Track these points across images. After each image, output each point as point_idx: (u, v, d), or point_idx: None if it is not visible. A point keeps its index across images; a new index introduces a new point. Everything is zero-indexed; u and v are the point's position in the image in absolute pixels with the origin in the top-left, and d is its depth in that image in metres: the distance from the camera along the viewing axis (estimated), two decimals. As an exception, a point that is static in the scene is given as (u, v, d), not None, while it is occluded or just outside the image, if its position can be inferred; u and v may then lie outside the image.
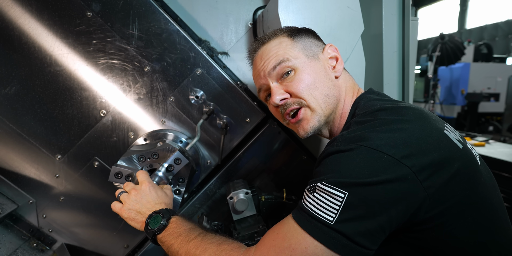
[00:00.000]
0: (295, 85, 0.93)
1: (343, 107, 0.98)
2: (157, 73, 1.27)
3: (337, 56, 1.00)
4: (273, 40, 1.00)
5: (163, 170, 1.11)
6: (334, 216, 0.68)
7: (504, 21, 13.99)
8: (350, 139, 0.75)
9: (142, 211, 0.98)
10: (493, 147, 3.98)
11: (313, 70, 0.95)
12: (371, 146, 0.71)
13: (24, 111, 1.26)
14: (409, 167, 0.68)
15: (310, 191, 0.75)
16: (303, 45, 0.98)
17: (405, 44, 1.50)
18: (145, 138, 1.31)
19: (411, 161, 0.69)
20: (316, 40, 1.03)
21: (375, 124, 0.78)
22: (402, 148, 0.70)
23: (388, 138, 0.72)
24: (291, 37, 0.99)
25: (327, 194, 0.70)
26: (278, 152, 1.42)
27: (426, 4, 17.51)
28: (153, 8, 1.21)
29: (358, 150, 0.72)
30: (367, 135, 0.74)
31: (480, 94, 7.83)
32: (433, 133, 0.76)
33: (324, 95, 0.94)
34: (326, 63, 0.99)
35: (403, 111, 0.81)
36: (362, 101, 0.94)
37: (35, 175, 1.32)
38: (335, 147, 0.76)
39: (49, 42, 1.22)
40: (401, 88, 1.55)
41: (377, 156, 0.69)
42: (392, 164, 0.69)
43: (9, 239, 1.29)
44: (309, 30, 1.05)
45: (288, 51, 0.96)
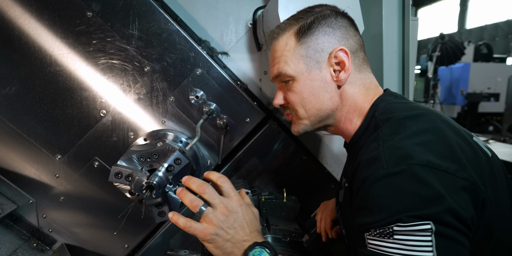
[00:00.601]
0: (290, 96, 0.95)
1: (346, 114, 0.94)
2: (157, 73, 1.27)
3: (344, 61, 0.89)
4: (282, 35, 0.95)
5: (163, 170, 1.11)
6: (432, 250, 0.62)
7: (504, 21, 14.00)
8: (396, 157, 0.69)
9: (233, 240, 0.78)
10: (493, 147, 3.98)
11: (310, 83, 0.91)
12: (421, 163, 0.67)
13: (24, 111, 1.26)
14: (466, 179, 0.67)
15: (384, 236, 0.66)
16: (307, 52, 0.91)
17: (405, 44, 1.50)
18: (145, 138, 1.31)
19: (465, 172, 0.68)
20: (330, 37, 0.90)
21: (410, 135, 0.73)
22: (451, 161, 0.68)
23: (435, 151, 0.69)
24: (298, 36, 0.92)
25: (410, 233, 0.63)
26: (278, 152, 1.42)
27: (426, 4, 17.51)
28: (153, 8, 1.21)
29: (413, 171, 0.66)
30: (412, 150, 0.69)
31: (480, 94, 7.84)
32: (468, 140, 0.77)
33: (316, 109, 0.93)
34: (329, 72, 0.91)
35: (430, 118, 0.79)
36: (382, 103, 0.90)
37: (35, 175, 1.32)
38: (382, 168, 0.69)
39: (49, 42, 1.22)
40: (401, 88, 1.55)
41: (434, 173, 0.66)
42: (451, 179, 0.66)
43: (9, 239, 1.29)
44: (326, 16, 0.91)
45: (288, 59, 0.93)
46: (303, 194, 1.43)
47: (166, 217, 1.15)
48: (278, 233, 1.16)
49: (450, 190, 0.65)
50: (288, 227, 1.19)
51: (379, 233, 0.67)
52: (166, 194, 1.15)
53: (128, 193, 1.15)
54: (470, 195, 0.67)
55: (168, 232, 1.41)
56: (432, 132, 0.74)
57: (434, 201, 0.64)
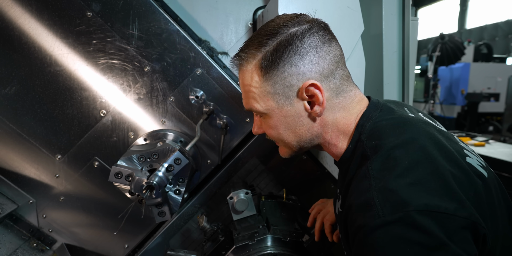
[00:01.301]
0: (267, 130, 0.92)
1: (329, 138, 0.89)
2: (157, 73, 1.27)
3: (316, 95, 0.81)
4: (246, 66, 0.85)
5: (163, 170, 1.11)
6: None
7: (504, 21, 13.99)
8: (390, 203, 0.65)
9: None
10: (493, 147, 3.98)
11: (284, 119, 0.86)
12: (419, 208, 0.63)
13: (24, 111, 1.26)
14: (466, 218, 0.64)
15: None
16: (275, 89, 0.83)
17: (405, 44, 1.50)
18: (145, 138, 1.31)
19: (465, 210, 0.65)
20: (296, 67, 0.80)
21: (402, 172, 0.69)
22: (449, 198, 0.65)
23: (430, 192, 0.65)
24: (262, 70, 0.82)
25: None
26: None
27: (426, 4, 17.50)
28: (153, 8, 1.21)
29: (410, 218, 0.63)
30: (407, 194, 0.65)
31: (480, 94, 7.84)
32: (461, 166, 0.73)
33: (295, 141, 0.90)
34: (303, 105, 0.84)
35: (420, 144, 0.74)
36: (367, 124, 0.83)
37: (35, 175, 1.32)
38: (377, 217, 0.65)
39: (49, 42, 1.22)
40: (401, 88, 1.55)
41: (433, 217, 0.63)
42: (451, 220, 0.63)
43: (9, 239, 1.29)
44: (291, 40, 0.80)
45: (257, 96, 0.85)
46: (303, 194, 1.43)
47: (166, 217, 1.15)
48: (278, 233, 1.16)
49: (452, 233, 0.63)
50: (288, 227, 1.19)
51: None
52: (166, 194, 1.15)
53: (128, 193, 1.15)
54: (471, 233, 0.65)
55: (168, 232, 1.41)
56: (425, 165, 0.70)
57: (436, 249, 0.61)
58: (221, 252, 1.18)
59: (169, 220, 1.36)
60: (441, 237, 0.61)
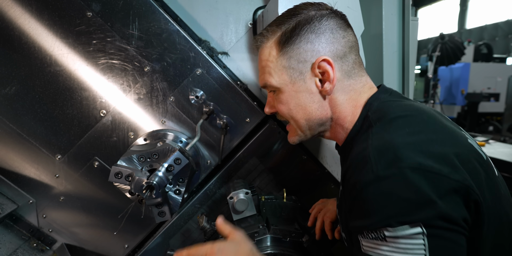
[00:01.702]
0: (278, 106, 0.95)
1: (337, 120, 0.92)
2: (157, 73, 1.27)
3: (328, 72, 0.85)
4: (266, 43, 0.92)
5: (163, 170, 1.11)
6: (425, 253, 0.63)
7: (504, 21, 14.00)
8: (386, 159, 0.68)
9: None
10: (493, 147, 3.98)
11: (295, 94, 0.89)
12: (413, 166, 0.65)
13: (24, 111, 1.26)
14: (458, 181, 0.66)
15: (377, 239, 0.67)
16: (289, 63, 0.88)
17: (405, 44, 1.50)
18: (145, 138, 1.31)
19: (458, 174, 0.66)
20: (312, 44, 0.86)
21: (401, 134, 0.72)
22: (444, 161, 0.67)
23: (426, 151, 0.68)
24: (280, 46, 0.88)
25: (401, 237, 0.65)
26: (278, 152, 1.42)
27: (426, 4, 17.51)
28: (153, 8, 1.21)
29: (402, 174, 0.65)
30: (402, 151, 0.67)
31: (480, 94, 7.84)
32: (462, 142, 0.75)
33: (304, 119, 0.92)
34: (314, 82, 0.88)
35: (424, 118, 0.77)
36: (375, 102, 0.86)
37: (35, 175, 1.32)
38: (372, 173, 0.68)
39: (49, 42, 1.22)
40: (401, 88, 1.56)
41: (426, 176, 0.65)
42: (444, 181, 0.65)
43: (9, 239, 1.29)
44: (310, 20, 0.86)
45: (272, 71, 0.90)
46: (303, 194, 1.43)
47: (166, 217, 1.15)
48: (278, 233, 1.16)
49: (441, 193, 0.64)
50: (288, 227, 1.19)
51: (372, 236, 0.68)
52: (166, 194, 1.15)
53: (128, 193, 1.15)
54: (462, 197, 0.66)
55: (168, 232, 1.41)
56: (425, 131, 0.73)
57: (423, 206, 0.64)
58: (221, 252, 1.17)
59: (169, 220, 1.36)
60: (430, 194, 0.63)
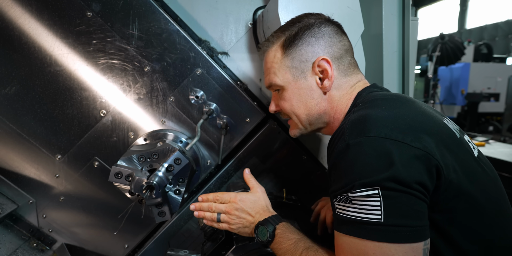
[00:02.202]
0: (282, 103, 1.05)
1: (334, 114, 1.01)
2: (157, 73, 1.27)
3: (326, 70, 0.96)
4: (271, 48, 1.04)
5: (163, 170, 1.11)
6: (380, 213, 0.70)
7: (504, 21, 14.00)
8: (357, 130, 0.77)
9: (247, 224, 1.03)
10: (493, 147, 3.98)
11: (297, 91, 1.00)
12: (379, 135, 0.73)
13: (24, 111, 1.26)
14: (420, 149, 0.72)
15: (345, 201, 0.76)
16: (292, 63, 0.99)
17: (405, 44, 1.50)
18: (145, 138, 1.31)
19: (421, 143, 0.73)
20: (313, 46, 0.97)
21: (376, 109, 0.80)
22: (409, 132, 0.74)
23: (394, 124, 0.75)
24: (284, 48, 1.00)
25: (362, 198, 0.72)
26: (278, 152, 1.42)
27: (426, 4, 17.51)
28: (153, 8, 1.21)
29: (368, 142, 0.73)
30: (372, 123, 0.76)
31: (480, 94, 7.84)
32: (434, 118, 0.82)
33: (305, 114, 1.02)
34: (314, 80, 0.99)
35: (403, 99, 0.87)
36: (364, 93, 0.97)
37: (35, 175, 1.32)
38: (344, 141, 0.77)
39: (49, 42, 1.22)
40: (401, 88, 1.56)
41: (389, 144, 0.72)
42: (405, 148, 0.72)
43: (9, 239, 1.29)
44: (310, 26, 0.98)
45: (277, 71, 1.02)
46: (303, 194, 1.43)
47: (166, 217, 1.15)
48: None
49: (404, 159, 0.71)
50: None
51: (341, 199, 0.77)
52: (166, 194, 1.15)
53: (128, 193, 1.15)
54: (424, 164, 0.72)
55: (168, 232, 1.41)
56: (398, 108, 0.81)
57: (382, 169, 0.71)
58: (221, 252, 1.17)
59: (169, 220, 1.36)
60: (390, 159, 0.71)
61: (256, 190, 1.07)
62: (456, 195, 0.76)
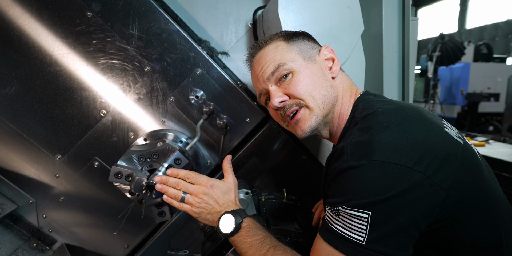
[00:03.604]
0: (293, 86, 0.95)
1: (340, 107, 0.99)
2: (157, 73, 1.27)
3: (333, 57, 1.02)
4: (269, 44, 1.02)
5: (163, 170, 1.11)
6: (364, 236, 0.70)
7: (504, 21, 13.99)
8: (360, 153, 0.75)
9: (212, 212, 1.00)
10: (493, 147, 3.98)
11: (310, 71, 0.97)
12: (382, 159, 0.72)
13: (24, 111, 1.26)
14: (422, 173, 0.70)
15: (334, 213, 0.77)
16: (299, 48, 1.00)
17: (405, 44, 1.50)
18: (145, 138, 1.31)
19: (423, 166, 0.71)
20: (312, 42, 1.05)
21: (378, 130, 0.78)
22: (412, 154, 0.72)
23: (396, 146, 0.73)
24: (287, 40, 1.01)
25: (351, 216, 0.72)
26: (278, 152, 1.42)
27: (426, 4, 17.51)
28: (153, 8, 1.21)
29: (370, 165, 0.72)
30: (375, 146, 0.74)
31: (480, 94, 7.84)
32: (436, 132, 0.79)
33: (322, 95, 0.96)
34: (323, 64, 1.01)
35: (403, 112, 0.83)
36: (361, 103, 0.96)
37: (35, 175, 1.32)
38: (346, 162, 0.76)
39: (49, 42, 1.22)
40: (401, 88, 1.55)
41: (391, 169, 0.71)
42: (406, 173, 0.70)
43: (9, 239, 1.29)
44: (305, 33, 1.07)
45: (284, 54, 0.98)
46: (303, 194, 1.43)
47: (166, 217, 1.15)
48: (278, 233, 1.16)
49: (402, 185, 0.70)
50: (288, 227, 1.19)
51: (330, 209, 0.78)
52: (166, 194, 1.15)
53: (128, 193, 1.15)
54: (424, 189, 0.71)
55: (168, 232, 1.41)
56: (400, 127, 0.78)
57: (379, 194, 0.70)
58: (222, 252, 1.18)
59: (169, 220, 1.36)
60: (391, 186, 0.70)
61: (229, 181, 1.05)
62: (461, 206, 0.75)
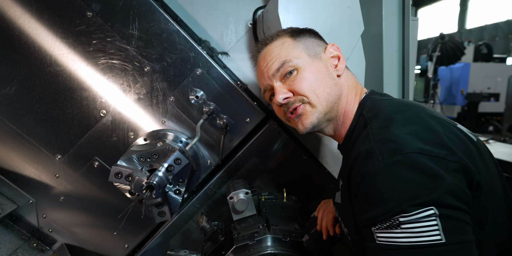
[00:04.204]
0: (297, 83, 0.95)
1: (345, 105, 0.98)
2: (157, 73, 1.27)
3: (339, 55, 1.01)
4: (275, 40, 1.02)
5: (163, 170, 1.11)
6: (439, 232, 0.64)
7: (504, 21, 13.99)
8: (389, 149, 0.72)
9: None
10: (493, 147, 3.98)
11: (315, 69, 0.97)
12: (414, 151, 0.70)
13: (24, 111, 1.26)
14: (457, 162, 0.70)
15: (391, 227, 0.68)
16: (305, 45, 1.00)
17: (405, 44, 1.50)
18: (145, 138, 1.31)
19: (455, 156, 0.71)
20: (318, 39, 1.04)
21: (398, 126, 0.77)
22: (440, 146, 0.72)
23: (423, 140, 0.72)
24: (293, 37, 1.01)
25: (416, 221, 0.66)
26: (278, 152, 1.42)
27: (426, 4, 17.50)
28: (153, 8, 1.21)
29: (408, 159, 0.69)
30: (403, 140, 0.72)
31: (480, 94, 7.83)
32: (453, 130, 0.80)
33: (326, 93, 0.96)
34: (328, 62, 1.00)
35: (415, 111, 0.83)
36: (368, 102, 0.95)
37: (35, 175, 1.32)
38: (379, 162, 0.71)
39: (49, 42, 1.22)
40: (401, 88, 1.55)
41: (427, 159, 0.69)
42: (444, 163, 0.69)
43: (9, 239, 1.29)
44: (311, 30, 1.07)
45: (290, 51, 0.98)
46: (303, 194, 1.43)
47: (166, 217, 1.15)
48: (278, 233, 1.16)
49: (447, 173, 0.68)
50: (288, 227, 1.19)
51: (386, 226, 0.69)
52: (166, 194, 1.15)
53: (128, 193, 1.15)
54: (463, 176, 0.70)
55: (168, 232, 1.41)
56: (418, 123, 0.78)
57: (432, 186, 0.67)
58: (221, 252, 1.18)
59: (169, 220, 1.36)
60: (435, 173, 0.67)
61: None
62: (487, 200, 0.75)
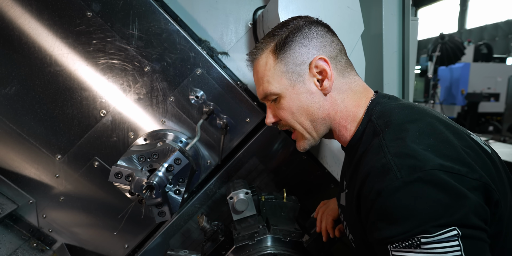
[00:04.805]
0: (281, 112, 0.96)
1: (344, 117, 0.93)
2: (157, 73, 1.27)
3: (325, 70, 0.89)
4: (261, 55, 0.96)
5: (163, 170, 1.11)
6: (461, 254, 0.62)
7: (504, 21, 13.99)
8: (408, 165, 0.68)
9: None
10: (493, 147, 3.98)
11: (297, 97, 0.92)
12: (436, 168, 0.66)
13: (24, 111, 1.26)
14: (477, 180, 0.68)
15: (411, 247, 0.65)
16: (287, 67, 0.92)
17: (405, 44, 1.50)
18: (145, 138, 1.31)
19: (476, 173, 0.68)
20: (305, 47, 0.91)
21: (414, 140, 0.73)
22: (460, 163, 0.69)
23: (442, 156, 0.69)
24: (276, 53, 0.92)
25: (438, 242, 0.63)
26: (278, 152, 1.42)
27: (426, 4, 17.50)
28: (153, 8, 1.21)
29: (428, 177, 0.66)
30: (422, 156, 0.69)
31: (480, 94, 7.83)
32: (468, 142, 0.77)
33: (309, 120, 0.94)
34: (313, 82, 0.92)
35: (429, 121, 0.79)
36: (377, 107, 0.89)
37: (35, 175, 1.32)
38: (397, 179, 0.68)
39: (49, 42, 1.22)
40: (401, 88, 1.55)
41: (449, 177, 0.66)
42: (465, 181, 0.66)
43: (9, 239, 1.29)
44: (300, 33, 0.92)
45: (271, 78, 0.94)
46: (303, 194, 1.43)
47: (166, 217, 1.15)
48: (278, 233, 1.16)
49: (469, 192, 0.66)
50: (288, 227, 1.19)
51: (405, 245, 0.66)
52: (166, 194, 1.15)
53: (128, 193, 1.15)
54: (483, 194, 0.68)
55: (168, 232, 1.41)
56: (434, 135, 0.74)
57: (455, 205, 0.64)
58: (221, 252, 1.18)
59: (169, 220, 1.36)
60: (458, 191, 0.64)
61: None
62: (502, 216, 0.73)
